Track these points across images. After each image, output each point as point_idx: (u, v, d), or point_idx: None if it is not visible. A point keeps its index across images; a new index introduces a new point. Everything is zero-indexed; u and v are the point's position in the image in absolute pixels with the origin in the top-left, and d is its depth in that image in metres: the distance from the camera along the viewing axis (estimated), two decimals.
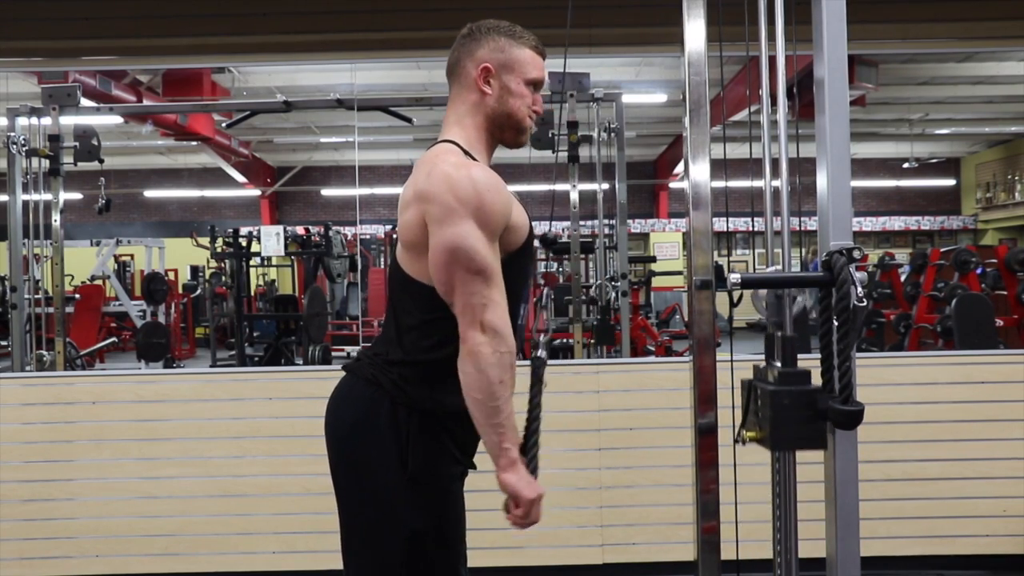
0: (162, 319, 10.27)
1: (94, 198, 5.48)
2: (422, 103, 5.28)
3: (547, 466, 3.25)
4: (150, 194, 17.41)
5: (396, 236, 1.78)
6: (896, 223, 17.46)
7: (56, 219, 4.47)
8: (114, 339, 11.14)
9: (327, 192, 17.80)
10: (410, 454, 1.67)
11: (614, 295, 5.79)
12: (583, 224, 5.33)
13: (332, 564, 1.91)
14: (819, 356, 1.83)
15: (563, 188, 4.79)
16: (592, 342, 5.31)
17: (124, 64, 6.84)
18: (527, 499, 1.62)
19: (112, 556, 3.37)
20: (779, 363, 1.91)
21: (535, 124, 1.84)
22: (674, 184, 16.86)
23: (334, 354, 9.00)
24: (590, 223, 6.92)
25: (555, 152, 3.68)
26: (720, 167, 2.00)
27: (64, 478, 3.39)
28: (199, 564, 3.37)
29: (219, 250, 9.36)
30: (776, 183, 2.01)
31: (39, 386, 3.46)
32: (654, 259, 10.86)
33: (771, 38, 1.99)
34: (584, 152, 4.96)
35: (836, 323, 1.76)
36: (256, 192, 16.98)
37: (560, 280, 10.69)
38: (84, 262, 10.68)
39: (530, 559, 3.35)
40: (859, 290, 1.75)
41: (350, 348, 9.77)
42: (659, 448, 3.37)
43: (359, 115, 5.22)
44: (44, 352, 4.42)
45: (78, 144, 4.63)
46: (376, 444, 1.69)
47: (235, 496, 3.39)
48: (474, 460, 1.79)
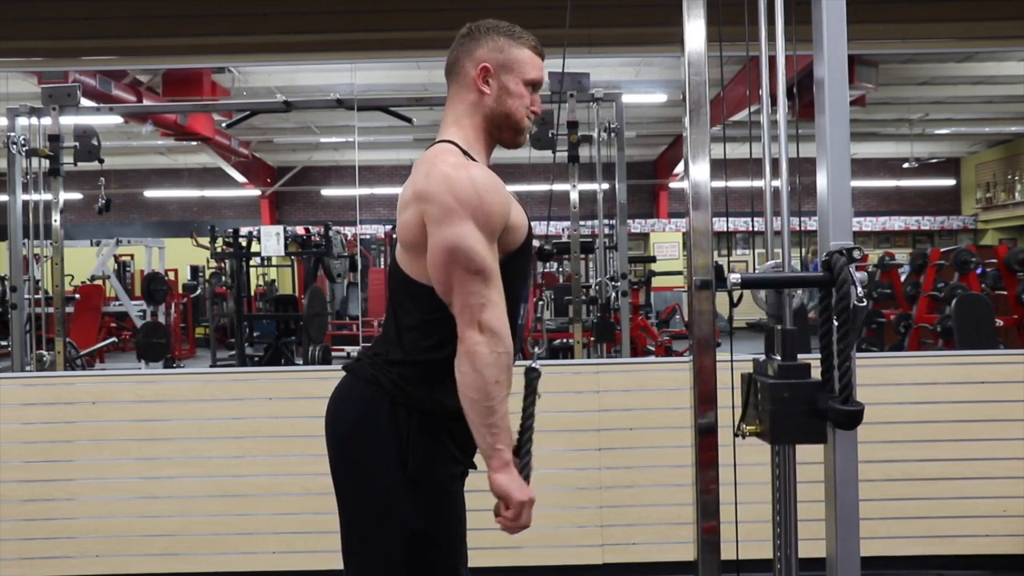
0: (162, 319, 10.27)
1: (94, 198, 5.48)
2: (422, 103, 5.27)
3: (547, 466, 3.28)
4: (150, 194, 17.41)
5: (396, 236, 1.78)
6: (896, 223, 17.46)
7: (56, 219, 4.47)
8: (114, 339, 11.14)
9: (327, 192, 17.80)
10: (410, 454, 1.67)
11: (614, 294, 5.79)
12: (583, 224, 5.34)
13: (332, 564, 1.91)
14: (819, 356, 1.83)
15: (563, 188, 4.79)
16: (592, 340, 5.31)
17: (124, 64, 6.84)
18: (518, 501, 1.62)
19: (112, 556, 3.37)
20: (779, 357, 1.92)
21: (534, 124, 1.84)
22: (674, 184, 16.87)
23: (334, 354, 9.00)
24: (590, 223, 6.93)
25: (553, 152, 3.68)
26: (720, 167, 2.00)
27: (64, 478, 3.39)
28: (199, 564, 3.37)
29: (219, 250, 9.36)
30: (776, 183, 2.01)
31: (39, 386, 3.46)
32: (654, 259, 10.86)
33: (771, 38, 1.99)
34: (584, 152, 4.96)
35: (836, 323, 1.76)
36: (256, 192, 16.98)
37: (560, 280, 10.70)
38: (84, 262, 10.68)
39: (530, 559, 3.35)
40: (859, 290, 1.75)
41: (350, 348, 9.78)
42: (659, 448, 3.37)
43: (359, 115, 5.22)
44: (44, 352, 4.42)
45: (78, 144, 4.63)
46: (376, 444, 1.69)
47: (235, 496, 3.39)
48: (474, 460, 1.79)
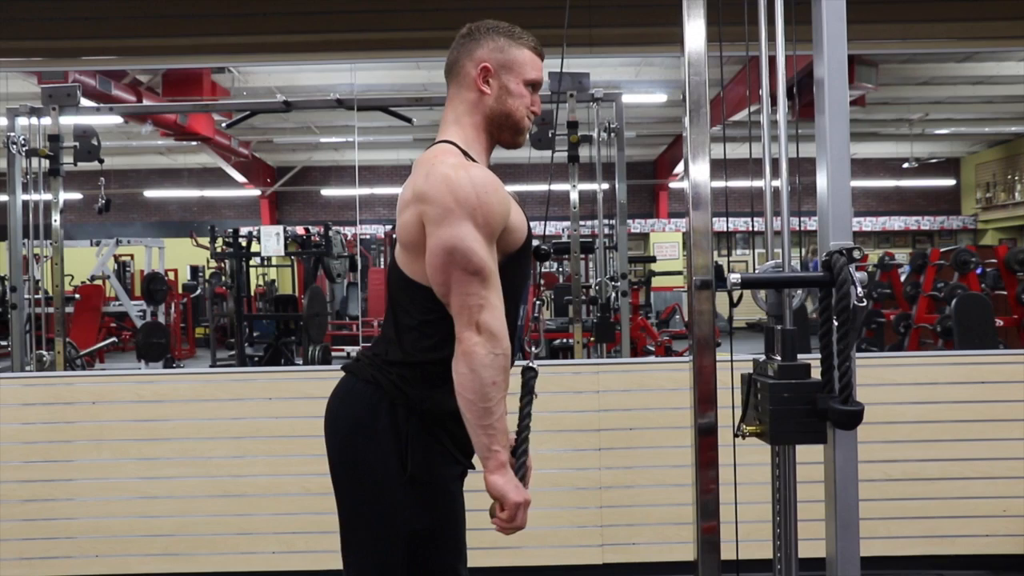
0: (162, 319, 10.27)
1: (94, 198, 5.47)
2: (422, 103, 5.27)
3: (547, 466, 3.28)
4: (150, 194, 17.41)
5: (395, 236, 1.78)
6: (896, 223, 17.46)
7: (56, 219, 4.47)
8: (114, 339, 11.15)
9: (327, 192, 17.80)
10: (409, 454, 1.67)
11: (614, 294, 5.79)
12: (583, 224, 5.34)
13: (332, 564, 1.91)
14: (819, 356, 1.83)
15: (563, 188, 4.79)
16: (592, 340, 5.32)
17: (124, 64, 6.84)
18: (513, 502, 1.62)
19: (112, 556, 3.37)
20: (779, 357, 1.92)
21: (533, 125, 1.84)
22: (674, 184, 16.87)
23: (334, 354, 9.00)
24: (590, 223, 6.93)
25: (552, 151, 3.68)
26: (720, 167, 2.00)
27: (64, 478, 3.39)
28: (199, 564, 3.37)
29: (219, 250, 9.36)
30: (776, 183, 2.01)
31: (39, 386, 3.46)
32: (654, 259, 10.87)
33: (771, 38, 1.99)
34: (584, 152, 4.96)
35: (836, 323, 1.76)
36: (256, 192, 16.98)
37: (560, 280, 10.71)
38: (84, 262, 10.69)
39: (530, 559, 3.35)
40: (859, 290, 1.75)
41: (350, 348, 9.77)
42: (659, 448, 3.37)
43: (359, 115, 5.23)
44: (44, 352, 4.42)
45: (78, 144, 4.63)
46: (375, 444, 1.69)
47: (235, 496, 3.39)
48: (473, 460, 1.79)
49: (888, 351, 7.79)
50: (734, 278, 1.85)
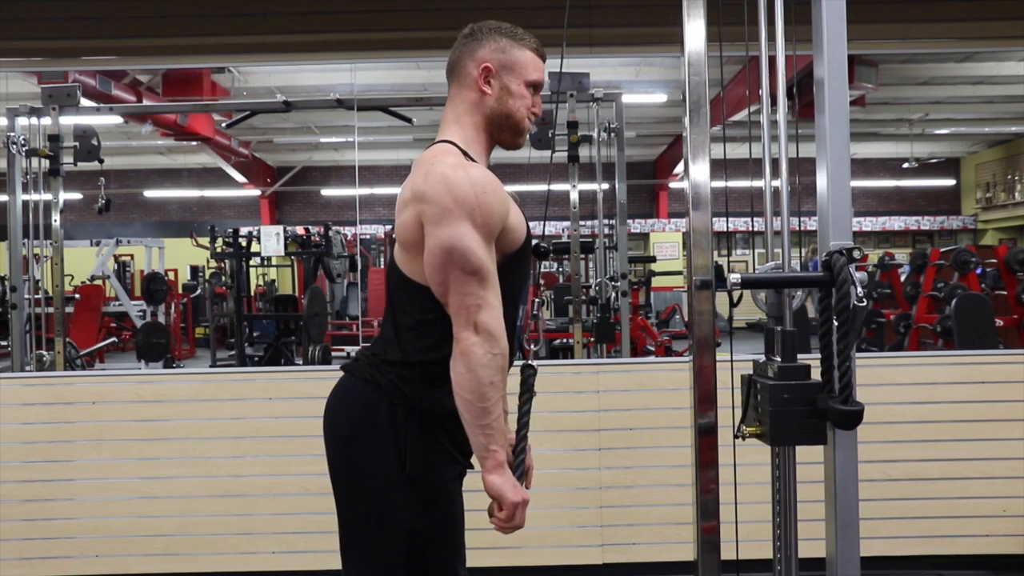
0: (162, 319, 10.27)
1: (94, 198, 5.48)
2: (422, 103, 5.27)
3: (547, 466, 3.28)
4: (150, 194, 17.41)
5: (395, 236, 1.78)
6: (896, 223, 17.46)
7: (56, 219, 4.47)
8: (114, 339, 11.15)
9: (327, 192, 17.80)
10: (408, 454, 1.67)
11: (614, 294, 5.79)
12: (583, 224, 5.34)
13: (332, 564, 1.91)
14: (819, 356, 1.83)
15: (563, 188, 4.79)
16: (592, 341, 5.32)
17: (124, 64, 6.84)
18: (511, 502, 1.62)
19: (112, 556, 3.37)
20: (779, 358, 1.92)
21: (533, 125, 1.84)
22: (674, 184, 16.87)
23: (334, 354, 9.00)
24: (590, 223, 6.93)
25: (552, 151, 3.67)
26: (720, 167, 2.00)
27: (64, 478, 3.39)
28: (199, 564, 3.37)
29: (219, 250, 9.36)
30: (776, 183, 2.01)
31: (39, 386, 3.46)
32: (654, 259, 10.87)
33: (771, 38, 1.99)
34: (584, 152, 4.96)
35: (836, 323, 1.76)
36: (256, 192, 16.98)
37: (560, 280, 10.71)
38: (84, 262, 10.69)
39: (530, 559, 3.35)
40: (859, 290, 1.75)
41: (350, 348, 9.77)
42: (659, 448, 3.37)
43: (359, 115, 5.22)
44: (44, 352, 4.42)
45: (78, 144, 4.64)
46: (374, 444, 1.69)
47: (235, 496, 3.39)
48: (473, 460, 1.79)
49: (888, 351, 7.79)
50: (734, 278, 1.85)
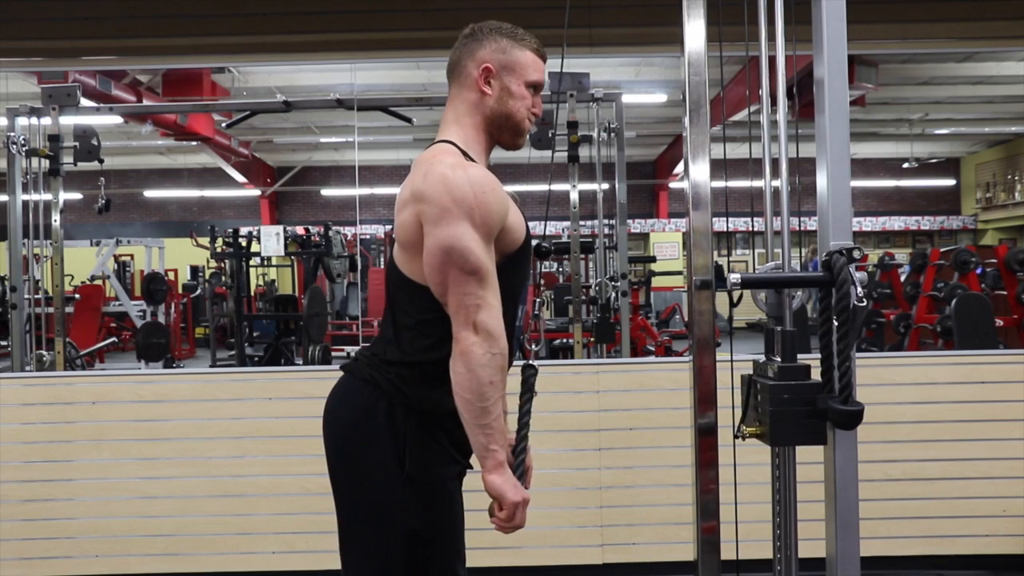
0: (162, 319, 10.27)
1: (94, 198, 5.47)
2: (422, 103, 5.27)
3: (547, 466, 3.28)
4: (150, 194, 17.41)
5: (394, 236, 1.78)
6: (896, 223, 17.46)
7: (56, 219, 4.47)
8: (114, 339, 11.15)
9: (327, 192, 17.80)
10: (408, 454, 1.67)
11: (614, 294, 5.79)
12: (583, 224, 5.34)
13: (332, 564, 1.91)
14: (819, 356, 1.83)
15: (563, 188, 4.79)
16: (592, 341, 5.32)
17: (124, 64, 6.84)
18: (511, 502, 1.62)
19: (112, 556, 3.37)
20: (779, 358, 1.92)
21: (533, 126, 1.84)
22: (674, 184, 16.87)
23: (334, 354, 8.99)
24: (590, 223, 6.93)
25: (552, 151, 3.68)
26: (720, 167, 2.00)
27: (64, 478, 3.39)
28: (199, 564, 3.37)
29: (219, 250, 9.35)
30: (776, 183, 2.01)
31: (39, 386, 3.46)
32: (654, 259, 10.88)
33: (771, 38, 1.99)
34: (584, 152, 4.96)
35: (836, 323, 1.76)
36: (256, 192, 16.98)
37: (560, 280, 10.71)
38: (84, 262, 10.69)
39: (530, 559, 3.35)
40: (859, 290, 1.75)
41: (350, 348, 9.77)
42: (659, 448, 3.37)
43: (359, 115, 5.22)
44: (44, 352, 4.42)
45: (78, 144, 4.63)
46: (374, 444, 1.69)
47: (235, 496, 3.39)
48: (472, 460, 1.79)
49: (888, 351, 7.79)
50: (734, 278, 1.85)
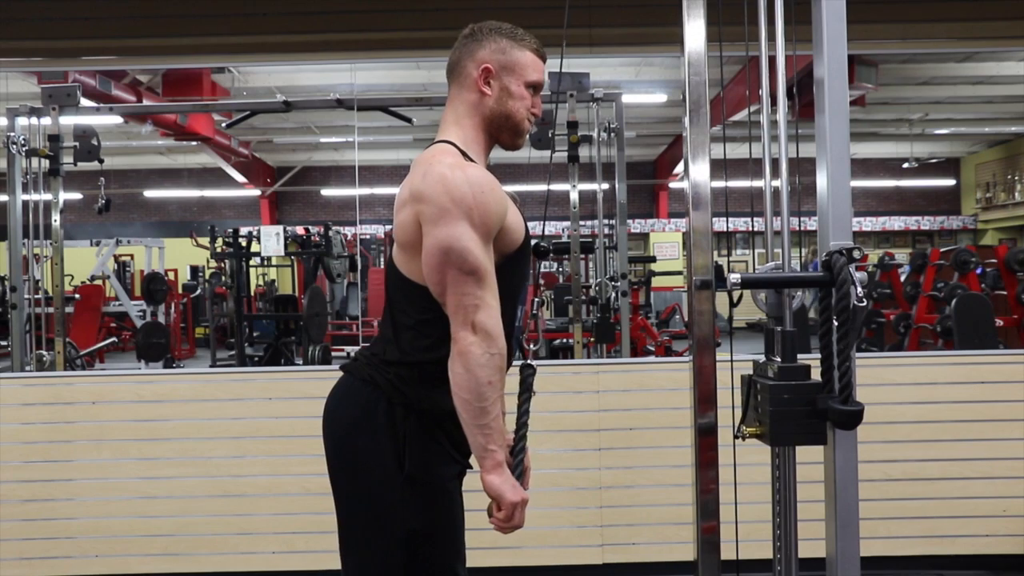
0: (162, 319, 10.27)
1: (94, 198, 5.48)
2: (422, 103, 5.27)
3: (547, 466, 3.28)
4: (150, 194, 17.41)
5: (393, 236, 1.78)
6: (896, 223, 17.46)
7: (56, 219, 4.47)
8: (114, 339, 11.15)
9: (327, 192, 17.80)
10: (407, 454, 1.67)
11: (614, 295, 5.79)
12: (583, 224, 5.33)
13: (331, 564, 1.91)
14: (819, 356, 1.83)
15: (563, 188, 4.79)
16: (592, 341, 5.31)
17: (124, 64, 6.84)
18: (510, 502, 1.62)
19: (112, 556, 3.37)
20: (779, 358, 1.91)
21: (533, 126, 1.84)
22: (674, 184, 16.87)
23: (334, 354, 9.00)
24: (590, 223, 6.93)
25: (552, 151, 3.67)
26: (720, 167, 2.00)
27: (64, 478, 3.39)
28: (199, 564, 3.37)
29: (219, 250, 9.35)
30: (776, 183, 2.01)
31: (39, 386, 3.46)
32: (654, 259, 10.87)
33: (771, 38, 1.99)
34: (584, 152, 4.96)
35: (836, 323, 1.76)
36: (256, 192, 16.98)
37: (560, 280, 10.71)
38: (84, 262, 10.69)
39: (530, 559, 3.35)
40: (859, 290, 1.75)
41: (350, 348, 9.76)
42: (659, 448, 3.37)
43: (359, 115, 5.22)
44: (44, 352, 4.42)
45: (78, 144, 4.63)
46: (373, 444, 1.69)
47: (235, 496, 3.39)
48: (472, 460, 1.79)
49: (888, 351, 7.79)
50: (734, 278, 1.85)
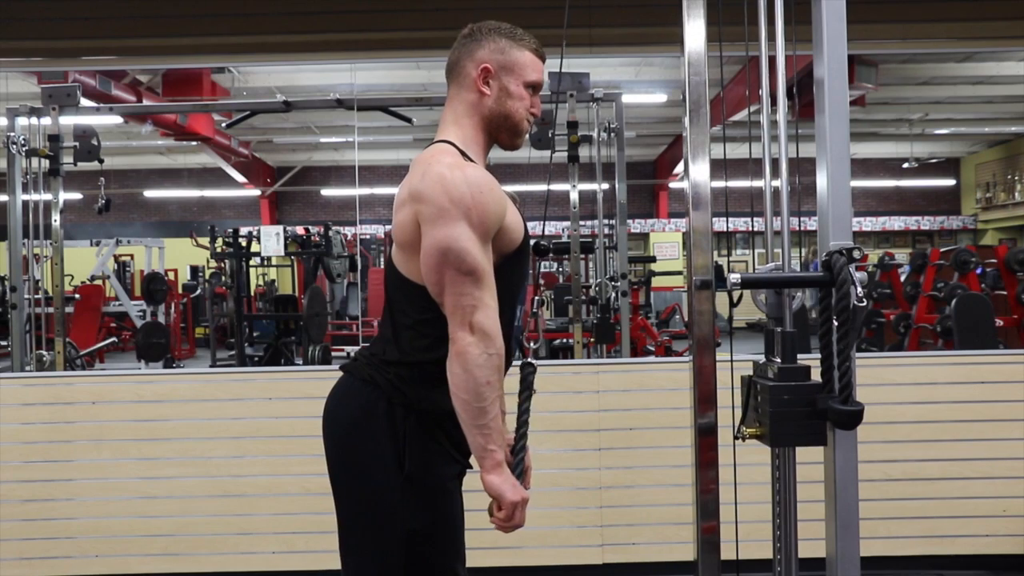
0: (162, 319, 10.27)
1: (94, 198, 5.47)
2: (422, 103, 5.27)
3: (547, 466, 3.28)
4: (150, 194, 17.41)
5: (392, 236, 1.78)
6: (896, 223, 17.46)
7: (56, 219, 4.47)
8: (114, 339, 11.14)
9: (327, 192, 17.80)
10: (407, 454, 1.67)
11: (614, 295, 5.79)
12: (583, 224, 5.33)
13: (331, 564, 1.91)
14: (819, 356, 1.83)
15: (563, 188, 4.79)
16: (592, 341, 5.31)
17: (124, 64, 6.84)
18: (510, 501, 1.63)
19: (112, 556, 3.37)
20: (779, 359, 1.91)
21: (533, 125, 1.84)
22: (674, 184, 16.87)
23: (334, 354, 9.00)
24: (590, 223, 6.93)
25: (552, 151, 3.67)
26: (720, 167, 2.00)
27: (64, 478, 3.39)
28: (199, 564, 3.37)
29: (219, 250, 9.35)
30: (776, 183, 2.01)
31: (39, 386, 3.46)
32: (654, 259, 10.87)
33: (771, 38, 1.99)
34: (584, 152, 4.96)
35: (836, 323, 1.76)
36: (256, 192, 16.98)
37: (560, 280, 10.71)
38: (84, 262, 10.69)
39: (530, 559, 3.35)
40: (859, 290, 1.75)
41: (350, 348, 9.76)
42: (659, 448, 3.37)
43: (359, 115, 5.22)
44: (44, 352, 4.42)
45: (78, 144, 4.63)
46: (373, 444, 1.69)
47: (235, 496, 3.39)
48: (471, 460, 1.79)
49: (888, 351, 7.79)
50: (734, 278, 1.85)
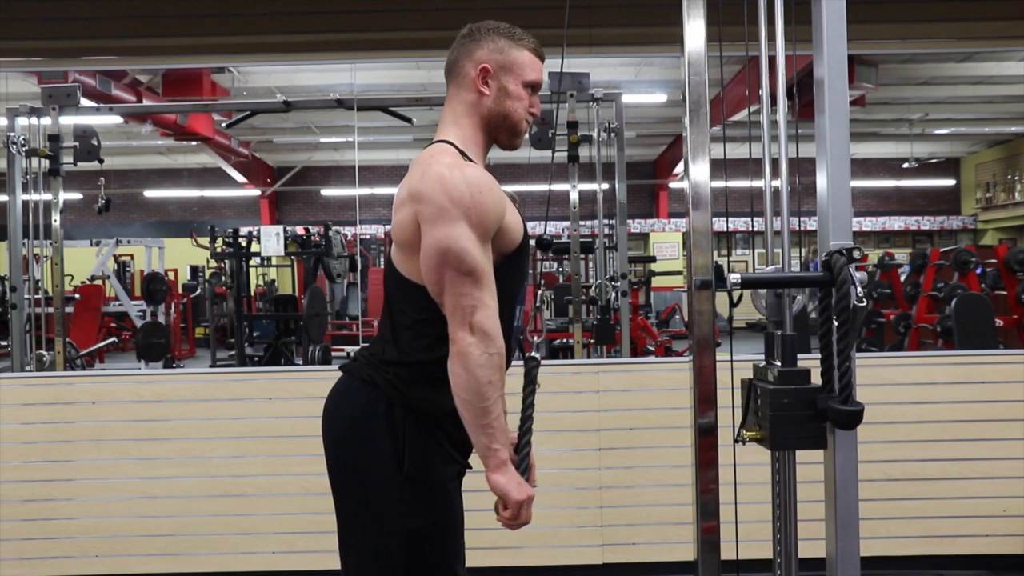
0: (162, 319, 10.27)
1: (94, 198, 5.47)
2: (422, 103, 5.27)
3: (547, 466, 3.28)
4: (150, 194, 17.41)
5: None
6: (896, 223, 17.47)
7: (56, 219, 4.47)
8: (114, 339, 11.15)
9: (327, 192, 17.80)
10: (407, 454, 1.67)
11: (614, 295, 5.79)
12: (583, 224, 5.34)
13: (331, 564, 1.91)
14: (819, 356, 1.83)
15: (563, 188, 4.79)
16: (592, 342, 5.31)
17: (124, 64, 6.84)
18: (516, 500, 1.63)
19: (112, 556, 3.37)
20: (779, 362, 1.91)
21: (533, 125, 1.84)
22: (674, 184, 16.87)
23: (334, 354, 9.00)
24: (590, 223, 6.93)
25: (552, 151, 3.68)
26: (720, 167, 2.00)
27: (64, 478, 3.39)
28: (199, 564, 3.37)
29: (219, 250, 9.35)
30: (776, 183, 2.01)
31: (39, 386, 3.46)
32: (654, 259, 10.88)
33: (771, 38, 2.00)
34: (584, 152, 4.96)
35: (836, 323, 1.76)
36: (256, 192, 16.98)
37: (560, 280, 10.71)
38: (84, 262, 10.69)
39: (530, 559, 3.35)
40: (859, 290, 1.75)
41: (350, 348, 9.76)
42: (659, 448, 3.37)
43: (359, 115, 5.22)
44: (44, 352, 4.42)
45: (78, 144, 4.63)
46: (373, 444, 1.69)
47: (235, 496, 3.39)
48: (471, 459, 1.79)
49: (888, 351, 7.79)
50: (734, 278, 1.85)
